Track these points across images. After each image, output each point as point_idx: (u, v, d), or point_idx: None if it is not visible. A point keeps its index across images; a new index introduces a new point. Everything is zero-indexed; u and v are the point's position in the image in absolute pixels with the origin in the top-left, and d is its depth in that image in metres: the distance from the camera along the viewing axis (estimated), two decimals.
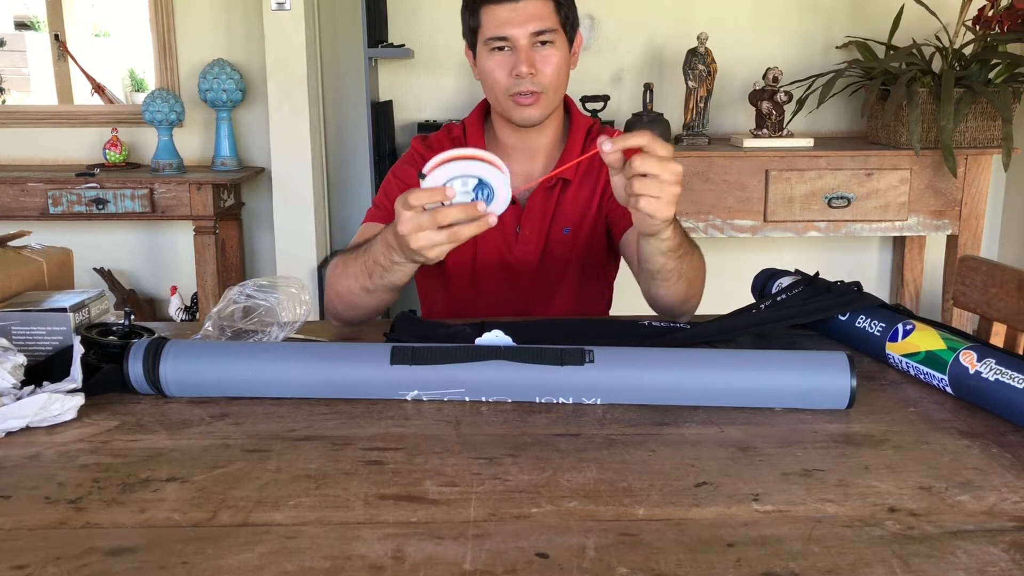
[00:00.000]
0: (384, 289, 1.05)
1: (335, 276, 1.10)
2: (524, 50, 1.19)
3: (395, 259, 0.98)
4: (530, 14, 1.18)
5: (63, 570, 0.56)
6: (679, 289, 1.08)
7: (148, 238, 3.11)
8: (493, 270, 1.32)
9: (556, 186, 1.28)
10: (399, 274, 1.02)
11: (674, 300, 1.10)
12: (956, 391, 0.86)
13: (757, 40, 2.91)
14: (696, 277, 1.10)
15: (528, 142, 1.29)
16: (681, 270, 1.05)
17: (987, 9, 2.51)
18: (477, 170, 0.88)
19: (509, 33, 1.18)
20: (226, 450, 0.75)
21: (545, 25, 1.18)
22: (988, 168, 2.53)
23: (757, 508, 0.65)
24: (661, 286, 1.07)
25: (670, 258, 1.02)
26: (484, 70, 1.23)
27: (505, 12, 1.18)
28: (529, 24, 1.18)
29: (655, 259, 1.02)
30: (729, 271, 2.93)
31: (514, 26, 1.18)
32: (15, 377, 0.82)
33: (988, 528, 0.62)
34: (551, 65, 1.20)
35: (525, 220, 1.29)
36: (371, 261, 1.03)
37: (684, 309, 1.13)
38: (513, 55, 1.19)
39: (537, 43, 1.19)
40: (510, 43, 1.19)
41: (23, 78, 4.32)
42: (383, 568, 0.56)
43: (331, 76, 2.97)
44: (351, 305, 1.10)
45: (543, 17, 1.19)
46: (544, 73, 1.20)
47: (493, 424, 0.81)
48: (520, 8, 1.18)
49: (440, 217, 0.89)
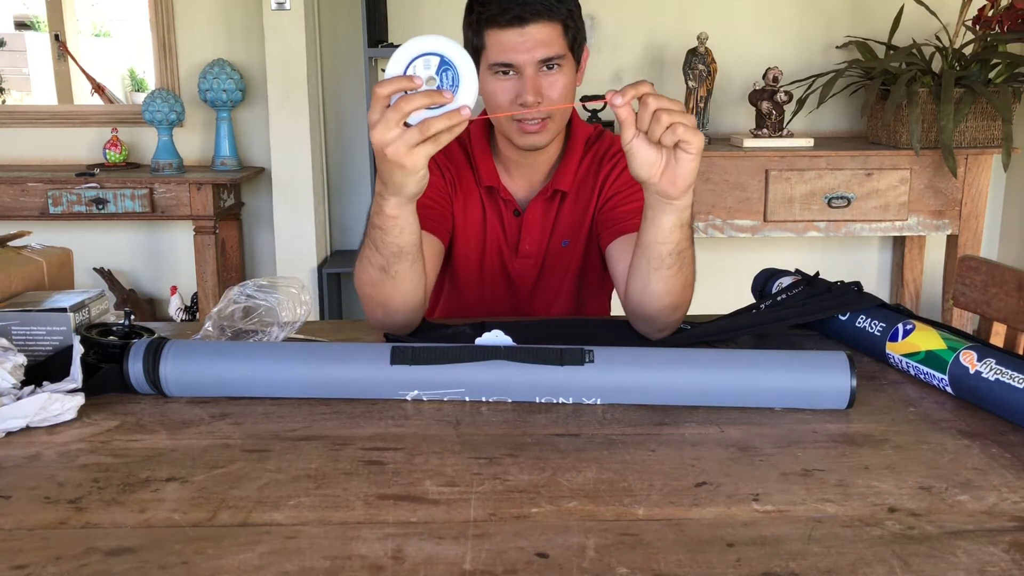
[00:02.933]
0: (395, 257, 1.00)
1: (358, 275, 1.06)
2: (530, 78, 1.12)
3: (387, 209, 0.94)
4: (537, 40, 1.11)
5: (63, 570, 0.56)
6: (675, 286, 1.02)
7: (148, 238, 3.11)
8: (495, 283, 1.31)
9: (555, 197, 1.26)
10: (397, 228, 0.97)
11: (667, 300, 1.02)
12: (956, 391, 0.86)
13: (757, 40, 2.91)
14: (691, 280, 1.04)
15: (530, 157, 1.25)
16: (686, 257, 1.00)
17: (987, 9, 2.51)
18: (436, 46, 0.85)
19: (514, 60, 1.12)
20: (226, 450, 0.75)
21: (552, 52, 1.12)
22: (988, 168, 2.53)
23: (757, 508, 0.65)
24: (663, 278, 1.00)
25: (684, 234, 0.97)
26: (487, 92, 1.17)
27: (511, 37, 1.11)
28: (536, 51, 1.11)
29: (672, 235, 0.97)
30: (729, 271, 2.94)
31: (520, 52, 1.11)
32: (15, 377, 0.82)
33: (988, 528, 0.62)
34: (557, 90, 1.14)
35: (525, 234, 1.27)
36: (372, 228, 0.99)
37: (671, 319, 1.05)
38: (518, 81, 1.13)
39: (543, 68, 1.13)
40: (515, 69, 1.13)
41: (23, 78, 4.33)
42: (383, 568, 0.56)
43: (331, 76, 2.97)
44: (382, 301, 1.05)
45: (550, 43, 1.12)
46: (550, 99, 1.14)
47: (493, 424, 0.81)
48: (527, 33, 1.11)
49: (404, 104, 0.84)
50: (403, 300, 1.04)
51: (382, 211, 0.96)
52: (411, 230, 0.99)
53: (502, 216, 1.28)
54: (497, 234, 1.28)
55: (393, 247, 0.99)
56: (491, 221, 1.28)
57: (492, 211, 1.28)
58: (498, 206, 1.28)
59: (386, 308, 1.05)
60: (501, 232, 1.28)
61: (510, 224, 1.28)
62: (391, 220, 0.96)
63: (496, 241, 1.29)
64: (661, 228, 0.97)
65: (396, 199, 0.94)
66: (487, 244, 1.29)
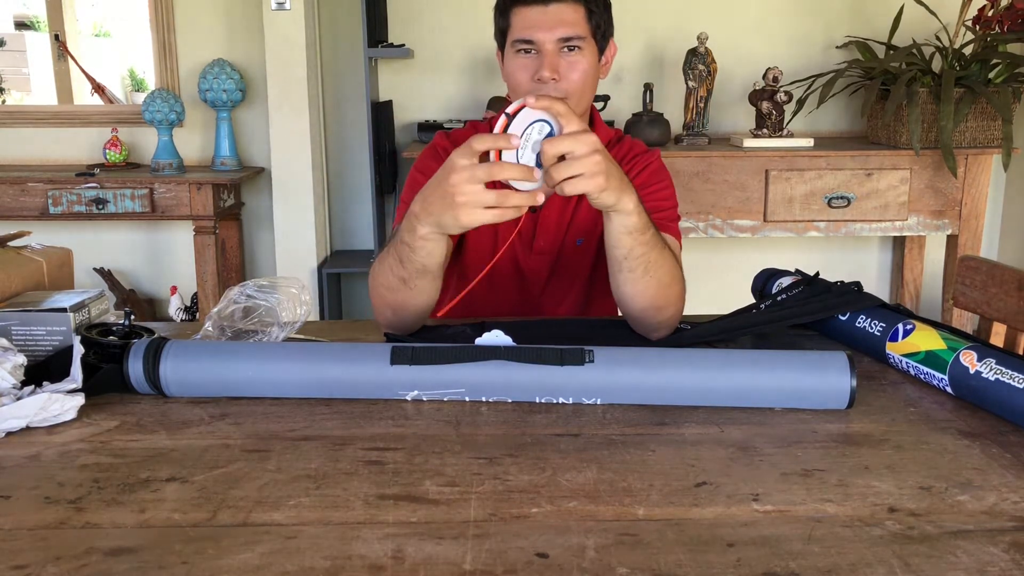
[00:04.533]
0: (418, 274, 1.01)
1: (374, 276, 1.07)
2: (549, 55, 1.15)
3: (421, 232, 0.95)
4: (559, 19, 1.14)
5: (63, 570, 0.56)
6: (647, 287, 1.03)
7: (148, 238, 3.11)
8: (507, 279, 1.31)
9: (572, 196, 1.26)
10: (425, 251, 0.98)
11: (644, 302, 1.04)
12: (956, 391, 0.86)
13: (757, 40, 2.91)
14: (668, 281, 1.04)
15: None
16: (649, 260, 1.01)
17: (987, 9, 2.51)
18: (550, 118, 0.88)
19: (535, 36, 1.14)
20: (226, 450, 0.75)
21: (573, 32, 1.14)
22: (988, 168, 2.53)
23: (757, 508, 0.65)
24: (628, 280, 1.02)
25: (637, 240, 0.99)
26: (508, 71, 1.20)
27: (534, 14, 1.14)
28: (557, 29, 1.14)
29: (622, 241, 0.99)
30: (729, 271, 2.94)
31: (542, 29, 1.14)
32: (15, 377, 0.82)
33: (988, 528, 0.62)
34: (577, 71, 1.16)
35: (540, 231, 1.28)
36: (400, 243, 1.00)
37: (658, 319, 1.05)
38: (538, 58, 1.16)
39: (564, 48, 1.15)
40: (536, 46, 1.15)
41: (23, 78, 4.33)
42: (383, 568, 0.56)
43: (331, 76, 2.97)
44: (395, 306, 1.06)
45: (572, 23, 1.15)
46: (569, 79, 1.16)
47: (493, 424, 0.81)
48: (550, 11, 1.14)
49: (497, 170, 0.87)
50: (416, 308, 1.06)
51: (415, 231, 0.96)
52: (439, 253, 0.99)
53: None
54: (510, 230, 1.28)
55: (418, 264, 1.00)
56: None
57: None
58: None
59: (397, 312, 1.07)
60: (515, 228, 1.28)
61: (525, 220, 1.28)
62: (421, 242, 0.97)
63: (508, 237, 1.29)
64: (610, 233, 1.00)
65: (431, 229, 0.95)
66: (499, 239, 1.28)
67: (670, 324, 1.06)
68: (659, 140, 2.63)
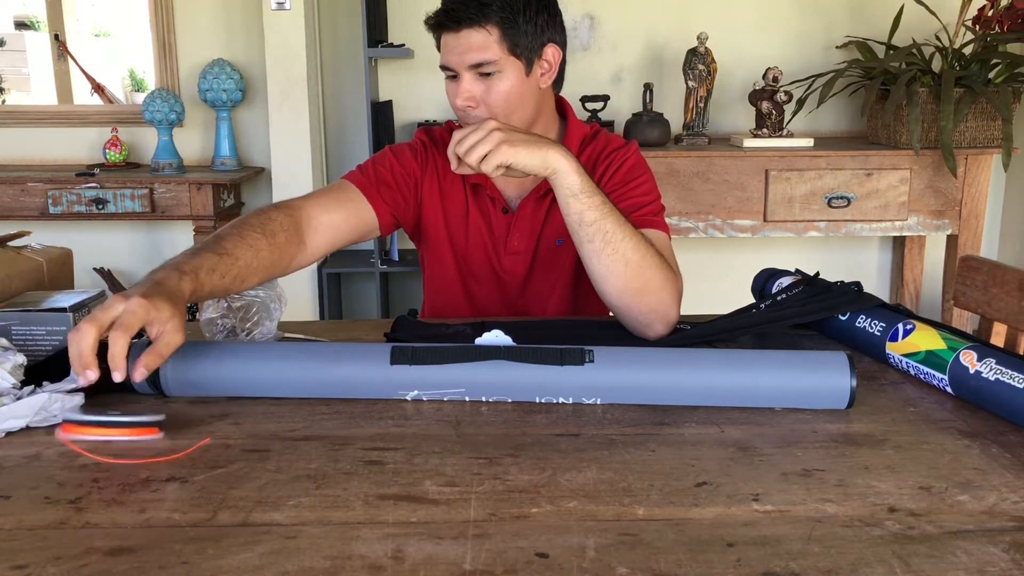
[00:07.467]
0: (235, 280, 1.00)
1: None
2: (465, 81, 1.14)
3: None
4: (468, 45, 1.13)
5: (63, 570, 0.56)
6: (614, 263, 1.02)
7: (148, 238, 3.11)
8: (481, 279, 1.30)
9: (548, 195, 1.25)
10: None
11: (617, 283, 1.02)
12: (956, 391, 0.86)
13: (757, 40, 2.91)
14: (636, 259, 1.02)
15: None
16: (605, 230, 1.01)
17: (987, 9, 2.51)
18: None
19: (450, 62, 1.15)
20: (226, 450, 0.75)
21: (483, 57, 1.12)
22: (988, 168, 2.53)
23: (757, 508, 0.65)
24: (591, 255, 1.02)
25: (585, 204, 1.01)
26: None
27: (449, 40, 1.14)
28: (467, 55, 1.13)
29: (570, 205, 1.02)
30: (729, 271, 2.95)
31: (454, 54, 1.14)
32: (15, 377, 0.82)
33: (988, 528, 0.62)
34: (494, 93, 1.14)
35: (514, 231, 1.27)
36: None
37: (641, 307, 1.03)
38: (458, 84, 1.16)
39: (479, 73, 1.14)
40: (454, 72, 1.16)
41: (23, 78, 4.32)
42: (383, 568, 0.56)
43: (331, 76, 2.97)
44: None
45: (481, 48, 1.12)
46: (488, 103, 1.15)
47: (493, 424, 0.81)
48: (460, 37, 1.13)
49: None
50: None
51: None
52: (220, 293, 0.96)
53: (489, 213, 1.28)
54: (480, 230, 1.28)
55: (220, 292, 0.96)
56: (474, 217, 1.28)
57: (476, 208, 1.28)
58: (484, 203, 1.27)
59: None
60: (486, 229, 1.28)
61: (498, 221, 1.28)
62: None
63: (480, 237, 1.28)
64: (559, 202, 1.04)
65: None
66: (470, 239, 1.28)
67: (661, 317, 1.04)
68: (659, 140, 2.63)
